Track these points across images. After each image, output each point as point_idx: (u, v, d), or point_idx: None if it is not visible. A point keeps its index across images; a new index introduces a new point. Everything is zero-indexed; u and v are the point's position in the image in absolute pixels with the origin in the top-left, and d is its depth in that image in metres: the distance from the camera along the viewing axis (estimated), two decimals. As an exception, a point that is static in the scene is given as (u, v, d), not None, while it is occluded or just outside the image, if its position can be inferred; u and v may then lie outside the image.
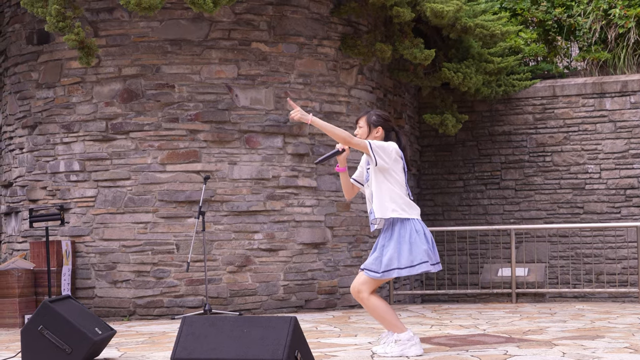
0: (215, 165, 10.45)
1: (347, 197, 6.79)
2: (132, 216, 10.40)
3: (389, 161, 6.37)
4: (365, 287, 6.37)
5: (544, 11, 14.25)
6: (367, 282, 6.36)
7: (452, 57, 12.66)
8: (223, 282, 10.40)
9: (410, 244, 6.27)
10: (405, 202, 6.39)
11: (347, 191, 6.74)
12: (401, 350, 6.33)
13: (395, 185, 6.39)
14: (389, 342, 6.40)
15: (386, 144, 6.42)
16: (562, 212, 13.39)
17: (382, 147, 6.38)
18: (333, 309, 10.92)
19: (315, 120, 6.41)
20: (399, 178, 6.42)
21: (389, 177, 6.39)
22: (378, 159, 6.34)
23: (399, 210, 6.35)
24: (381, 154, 6.35)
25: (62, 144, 10.70)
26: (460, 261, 13.63)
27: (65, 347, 6.14)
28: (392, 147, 6.41)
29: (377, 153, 6.34)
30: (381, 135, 6.53)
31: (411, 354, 6.34)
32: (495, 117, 13.75)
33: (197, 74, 10.50)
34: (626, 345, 6.73)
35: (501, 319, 9.29)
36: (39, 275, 10.18)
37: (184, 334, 5.42)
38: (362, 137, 6.52)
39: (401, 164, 6.44)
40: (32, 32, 10.99)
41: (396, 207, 6.35)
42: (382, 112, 6.64)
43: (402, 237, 6.30)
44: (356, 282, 6.40)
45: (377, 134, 6.52)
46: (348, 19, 11.36)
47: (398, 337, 6.35)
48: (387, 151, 6.38)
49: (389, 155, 6.37)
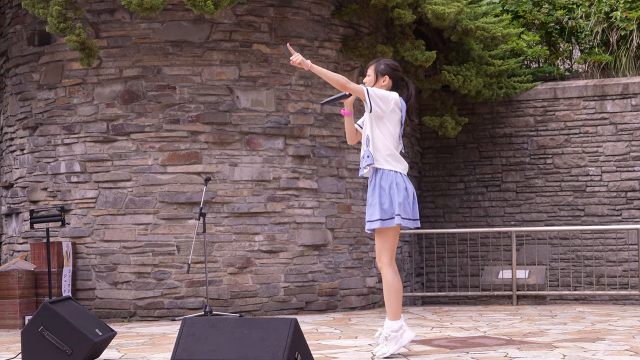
0: (216, 166, 10.46)
1: (350, 142, 6.75)
2: (133, 217, 10.41)
3: (385, 109, 6.34)
4: (383, 254, 6.36)
5: (546, 13, 14.25)
6: (380, 249, 6.37)
7: (453, 60, 12.66)
8: (224, 283, 10.40)
9: (390, 196, 6.27)
10: (391, 153, 6.37)
11: (350, 136, 6.71)
12: (396, 342, 6.33)
13: (387, 136, 6.37)
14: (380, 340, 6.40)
15: (386, 93, 6.38)
16: (563, 215, 13.38)
17: (380, 95, 6.34)
18: (333, 311, 10.92)
19: (314, 67, 6.42)
20: (392, 129, 6.38)
21: (381, 126, 6.36)
22: (373, 105, 6.31)
23: (382, 160, 6.35)
24: (377, 101, 6.32)
25: (63, 145, 10.70)
26: (461, 263, 13.62)
27: (66, 348, 6.14)
28: (392, 97, 6.37)
29: (374, 99, 6.32)
30: (388, 84, 6.49)
31: (407, 341, 6.37)
32: (496, 120, 13.75)
33: (198, 76, 10.50)
34: (626, 347, 6.73)
35: (502, 321, 9.28)
36: (39, 276, 10.18)
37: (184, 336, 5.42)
38: (369, 85, 6.49)
39: (399, 115, 6.39)
40: (33, 33, 10.99)
41: (380, 157, 6.35)
42: (391, 62, 6.59)
43: (382, 189, 6.29)
44: (376, 251, 6.42)
45: (384, 83, 6.49)
46: (349, 21, 11.37)
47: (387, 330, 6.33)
48: (385, 99, 6.34)
49: (386, 104, 6.34)
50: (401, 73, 6.58)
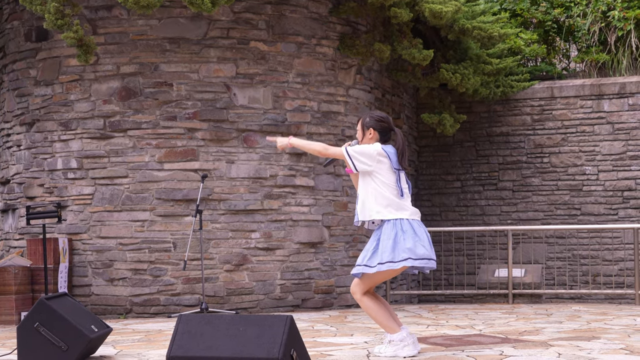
0: (213, 163, 10.46)
1: None
2: (130, 214, 10.40)
3: (370, 163, 6.33)
4: (358, 287, 6.38)
5: (544, 12, 14.26)
6: (358, 282, 6.38)
7: (451, 58, 12.67)
8: (220, 280, 10.40)
9: (395, 242, 6.23)
10: (391, 202, 6.32)
11: None
12: (394, 350, 6.34)
13: (382, 186, 6.33)
14: (385, 341, 6.44)
15: (367, 147, 6.38)
16: (560, 214, 13.39)
17: (361, 151, 6.35)
18: (329, 309, 10.92)
19: (294, 142, 6.53)
20: (385, 179, 6.34)
21: (374, 179, 6.35)
22: (357, 164, 6.34)
23: (384, 211, 6.30)
24: (360, 158, 6.33)
25: (59, 141, 10.69)
26: (457, 262, 13.63)
27: (62, 344, 6.13)
28: (373, 149, 6.35)
29: (355, 158, 6.34)
30: (375, 136, 6.47)
31: (404, 355, 6.35)
32: (493, 118, 13.76)
33: (195, 73, 10.50)
34: (622, 346, 6.74)
35: (497, 319, 9.29)
36: (35, 272, 10.18)
37: (180, 332, 5.42)
38: (359, 138, 6.51)
39: (387, 164, 6.35)
40: (30, 29, 10.98)
41: (381, 208, 6.31)
42: (377, 114, 6.56)
43: (387, 235, 6.27)
44: (353, 283, 6.43)
45: (370, 136, 6.48)
46: (347, 19, 11.37)
47: (391, 337, 6.36)
48: (366, 154, 6.34)
49: (369, 157, 6.33)
50: (387, 124, 6.50)
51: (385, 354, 6.36)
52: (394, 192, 6.35)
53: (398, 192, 6.37)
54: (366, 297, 6.39)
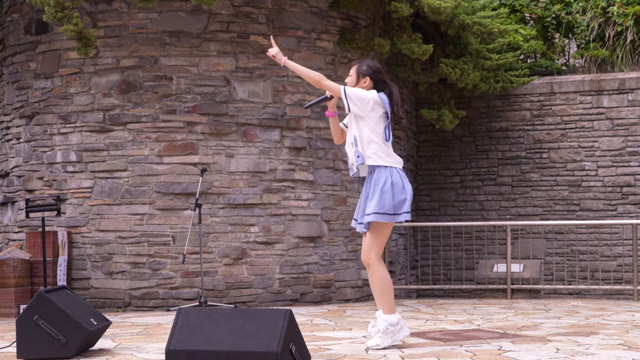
0: (213, 157, 10.46)
1: (337, 142, 6.79)
2: (129, 208, 10.41)
3: (363, 109, 6.36)
4: (373, 251, 6.38)
5: (543, 7, 14.25)
6: (372, 243, 6.38)
7: (450, 53, 12.66)
8: (219, 274, 10.41)
9: (393, 193, 6.30)
10: (380, 149, 6.40)
11: (336, 136, 6.75)
12: (391, 338, 6.37)
13: (373, 133, 6.39)
14: (376, 333, 6.42)
15: (363, 92, 6.40)
16: (558, 209, 13.40)
17: (358, 94, 6.36)
18: (328, 303, 10.93)
19: (288, 62, 6.49)
20: (376, 127, 6.40)
21: (366, 124, 6.39)
22: (351, 105, 6.35)
23: (375, 157, 6.38)
24: (355, 101, 6.35)
25: (59, 134, 10.69)
26: (456, 257, 13.65)
27: (61, 337, 6.14)
28: (370, 96, 6.38)
29: (351, 99, 6.34)
30: (369, 85, 6.51)
31: (400, 338, 6.43)
32: (493, 113, 13.76)
33: (195, 66, 10.49)
34: (620, 342, 6.75)
35: (496, 314, 9.30)
36: (34, 265, 10.19)
37: (179, 326, 5.43)
38: (350, 85, 6.52)
39: (380, 112, 6.39)
40: (30, 22, 10.97)
41: (371, 154, 6.38)
42: (373, 63, 6.61)
43: (380, 186, 6.31)
44: (363, 250, 6.43)
45: (365, 84, 6.52)
46: (347, 13, 11.36)
47: (387, 322, 6.36)
48: (362, 98, 6.36)
49: (364, 103, 6.35)
50: (383, 75, 6.56)
51: (383, 344, 6.36)
52: (381, 139, 6.41)
53: (384, 139, 6.43)
54: (382, 265, 6.42)
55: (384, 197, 6.30)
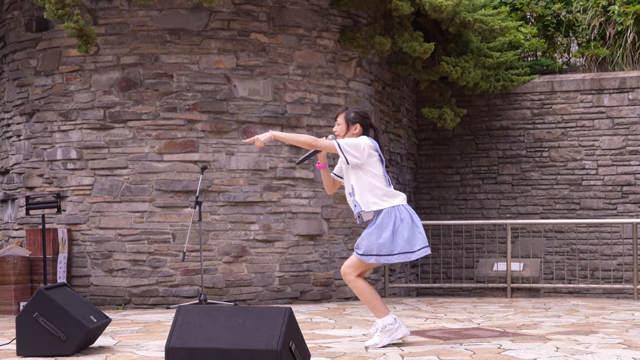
0: (213, 155, 10.46)
1: (329, 192, 6.94)
2: (129, 205, 10.41)
3: (361, 157, 6.43)
4: (352, 269, 6.49)
5: (544, 6, 14.24)
6: (354, 264, 6.48)
7: (451, 51, 12.66)
8: (219, 272, 10.41)
9: (393, 233, 6.35)
10: (384, 192, 6.46)
11: (328, 187, 6.88)
12: (390, 336, 6.44)
13: (374, 178, 6.46)
14: (375, 332, 6.48)
15: (357, 140, 6.47)
16: (559, 208, 13.40)
17: (353, 144, 6.43)
18: (328, 301, 10.93)
19: (278, 134, 6.52)
20: (376, 170, 6.48)
21: (365, 172, 6.47)
22: (349, 157, 6.42)
23: (380, 202, 6.43)
24: (351, 151, 6.41)
25: (59, 131, 10.69)
26: (456, 255, 13.65)
27: (60, 334, 6.14)
28: (364, 142, 6.46)
29: (347, 151, 6.41)
30: (359, 132, 6.62)
31: (400, 336, 6.48)
32: (493, 112, 13.76)
33: (195, 64, 10.49)
34: (620, 341, 6.75)
35: (496, 313, 9.30)
36: (34, 262, 10.19)
37: (179, 324, 5.43)
38: (340, 134, 6.61)
39: (376, 156, 6.49)
40: (31, 19, 10.97)
41: (376, 199, 6.44)
42: (360, 109, 6.73)
43: (386, 225, 6.36)
44: (345, 264, 6.54)
45: (355, 131, 6.61)
46: (347, 11, 11.35)
47: (383, 322, 6.42)
48: (358, 147, 6.43)
49: (360, 151, 6.42)
50: (370, 120, 6.69)
51: (382, 343, 6.41)
52: (383, 182, 6.50)
53: (387, 182, 6.53)
54: (360, 279, 6.51)
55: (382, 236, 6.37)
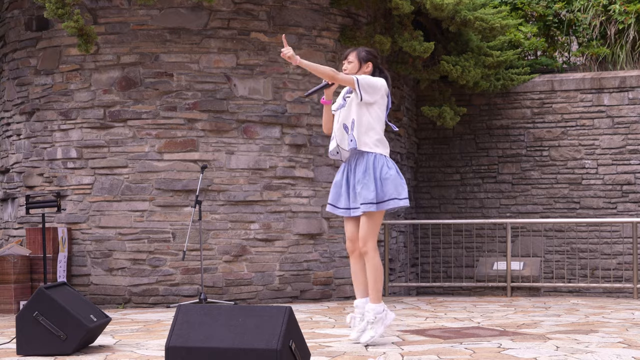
0: (213, 154, 10.46)
1: (326, 131, 6.83)
2: (129, 204, 10.41)
3: (376, 97, 6.47)
4: (371, 235, 6.46)
5: (544, 5, 14.24)
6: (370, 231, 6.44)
7: (451, 50, 12.66)
8: (219, 271, 10.41)
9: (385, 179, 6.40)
10: (380, 138, 6.52)
11: (327, 124, 6.80)
12: (382, 324, 6.51)
13: (376, 121, 6.50)
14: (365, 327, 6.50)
15: (375, 80, 6.51)
16: (559, 207, 13.40)
17: (370, 84, 6.47)
18: (328, 300, 10.94)
19: (302, 62, 6.50)
20: (381, 114, 6.53)
21: (371, 111, 6.49)
22: (364, 95, 6.44)
23: (372, 145, 6.46)
24: (368, 90, 6.45)
25: (59, 130, 10.69)
26: (456, 254, 13.65)
27: (60, 333, 6.15)
28: (381, 84, 6.51)
29: (364, 89, 6.44)
30: (371, 70, 6.65)
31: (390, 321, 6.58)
32: (493, 111, 13.76)
33: (195, 63, 10.49)
34: (620, 340, 6.75)
35: (496, 312, 9.31)
36: (34, 261, 10.19)
37: (179, 323, 5.43)
38: (352, 72, 6.61)
39: (386, 100, 6.54)
40: (31, 18, 10.97)
41: (369, 141, 6.46)
42: (371, 49, 6.79)
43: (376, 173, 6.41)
44: (360, 236, 6.48)
45: (367, 69, 6.65)
46: (347, 11, 11.35)
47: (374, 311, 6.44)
48: (375, 87, 6.47)
49: (376, 92, 6.48)
50: (379, 60, 6.78)
51: (378, 335, 6.44)
52: (382, 128, 6.56)
53: (383, 128, 6.57)
54: (378, 254, 6.52)
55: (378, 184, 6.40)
